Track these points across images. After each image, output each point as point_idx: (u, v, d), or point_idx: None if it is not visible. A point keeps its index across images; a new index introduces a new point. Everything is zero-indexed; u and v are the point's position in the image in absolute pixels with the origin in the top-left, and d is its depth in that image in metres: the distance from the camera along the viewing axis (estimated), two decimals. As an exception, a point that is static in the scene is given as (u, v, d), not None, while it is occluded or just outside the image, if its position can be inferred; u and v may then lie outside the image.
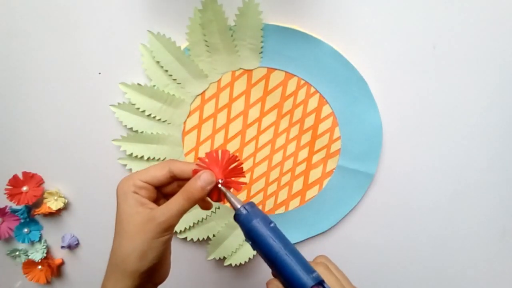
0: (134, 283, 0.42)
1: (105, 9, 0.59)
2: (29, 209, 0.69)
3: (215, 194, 0.45)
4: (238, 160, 0.45)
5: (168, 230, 0.42)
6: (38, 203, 0.68)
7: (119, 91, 0.61)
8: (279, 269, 0.41)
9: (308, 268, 0.41)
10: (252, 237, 0.43)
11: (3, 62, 0.63)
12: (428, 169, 0.62)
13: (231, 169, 0.45)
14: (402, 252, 0.66)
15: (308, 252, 0.65)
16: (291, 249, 0.42)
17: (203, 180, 0.42)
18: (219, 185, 0.44)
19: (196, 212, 0.65)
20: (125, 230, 0.42)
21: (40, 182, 0.67)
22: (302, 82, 0.60)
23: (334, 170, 0.63)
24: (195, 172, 0.44)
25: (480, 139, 0.61)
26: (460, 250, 0.65)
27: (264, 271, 0.68)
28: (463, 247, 0.65)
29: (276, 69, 0.60)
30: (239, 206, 0.43)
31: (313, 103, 0.61)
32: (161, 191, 0.47)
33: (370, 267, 0.67)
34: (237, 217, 0.44)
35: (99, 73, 0.62)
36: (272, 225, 0.43)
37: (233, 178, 0.46)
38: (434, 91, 0.59)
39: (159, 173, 0.44)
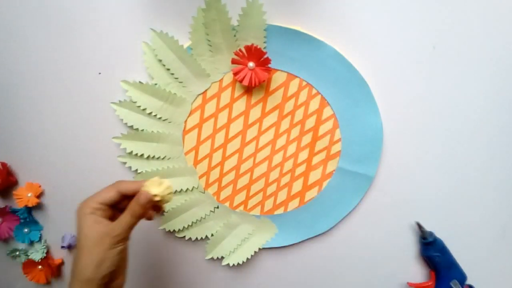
0: None
1: (108, 7, 0.56)
2: (29, 209, 0.67)
3: (156, 208, 0.51)
4: None
5: (121, 241, 0.46)
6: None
7: (120, 88, 0.58)
8: None
9: None
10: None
11: (4, 62, 0.60)
12: (428, 171, 0.59)
13: None
14: (401, 253, 0.62)
15: (307, 253, 0.64)
16: None
17: (142, 200, 0.47)
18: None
19: (195, 212, 0.62)
20: (84, 245, 0.45)
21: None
22: (304, 83, 0.57)
23: (334, 172, 0.60)
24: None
25: (480, 140, 0.58)
26: (460, 250, 0.61)
27: (262, 271, 0.65)
28: (463, 247, 0.61)
29: (278, 70, 0.56)
30: None
31: (314, 104, 0.57)
32: (118, 207, 0.50)
33: (369, 269, 0.64)
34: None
35: (99, 73, 0.59)
36: None
37: None
38: (435, 92, 0.56)
39: (109, 195, 0.48)
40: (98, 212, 0.47)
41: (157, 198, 0.48)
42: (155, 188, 0.48)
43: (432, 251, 0.58)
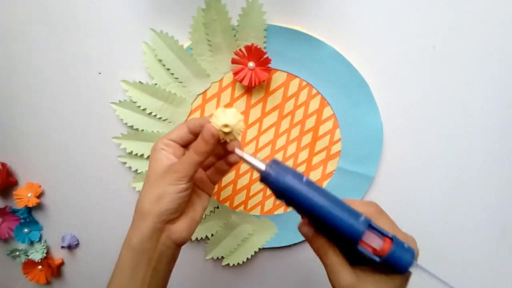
0: (147, 226, 0.43)
1: (108, 7, 0.56)
2: (29, 209, 0.66)
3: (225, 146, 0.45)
4: None
5: (182, 178, 0.43)
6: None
7: (120, 88, 0.57)
8: (325, 222, 0.36)
9: (355, 214, 0.37)
10: (288, 195, 0.37)
11: (3, 62, 0.60)
12: (428, 171, 0.59)
13: None
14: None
15: (307, 253, 0.63)
16: (333, 199, 0.37)
17: (205, 134, 0.43)
18: (236, 150, 0.43)
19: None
20: (149, 178, 0.45)
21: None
22: (304, 83, 0.56)
23: (334, 172, 0.59)
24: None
25: (480, 139, 0.58)
26: (460, 251, 0.61)
27: (262, 271, 0.65)
28: (463, 248, 0.61)
29: (278, 70, 0.56)
30: (263, 167, 0.38)
31: (314, 104, 0.57)
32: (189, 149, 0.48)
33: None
34: (266, 179, 0.38)
35: (99, 73, 0.58)
36: (305, 179, 0.38)
37: None
38: (435, 92, 0.56)
39: (180, 131, 0.46)
40: (168, 149, 0.45)
41: (226, 129, 0.42)
42: (221, 119, 0.42)
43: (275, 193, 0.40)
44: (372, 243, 0.36)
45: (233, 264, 0.63)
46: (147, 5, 0.55)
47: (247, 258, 0.63)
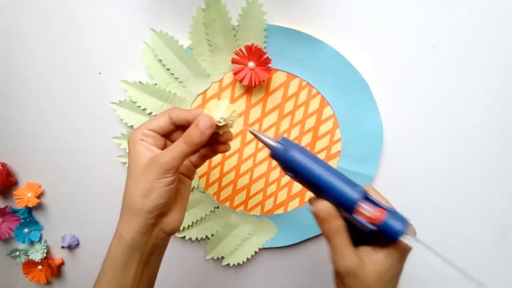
0: (139, 222, 0.42)
1: (108, 7, 0.55)
2: (30, 209, 0.66)
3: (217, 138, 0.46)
4: None
5: (169, 171, 0.41)
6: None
7: (120, 88, 0.57)
8: (325, 190, 0.40)
9: (352, 183, 0.40)
10: (293, 167, 0.40)
11: (4, 62, 0.59)
12: (428, 171, 0.59)
13: None
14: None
15: (308, 253, 0.63)
16: (333, 170, 0.40)
17: (202, 125, 0.42)
18: (248, 130, 0.44)
19: (195, 212, 0.61)
20: (132, 173, 0.43)
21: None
22: (304, 83, 0.56)
23: (334, 172, 0.58)
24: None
25: (480, 139, 0.57)
26: (460, 251, 0.61)
27: (262, 271, 0.65)
28: (464, 248, 0.61)
29: (278, 69, 0.55)
30: (273, 142, 0.41)
31: (314, 104, 0.56)
32: (170, 139, 0.46)
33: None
34: (275, 153, 0.41)
35: (99, 73, 0.58)
36: (310, 153, 0.42)
37: None
38: (435, 92, 0.56)
39: (160, 121, 0.44)
40: (148, 139, 0.43)
41: (221, 123, 0.42)
42: (216, 112, 0.42)
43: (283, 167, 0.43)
44: (368, 213, 0.39)
45: (233, 264, 0.63)
46: (147, 5, 0.54)
47: (247, 258, 0.62)
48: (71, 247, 0.67)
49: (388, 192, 0.58)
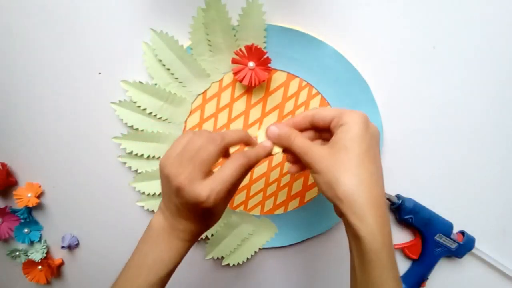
0: None
1: (108, 7, 0.55)
2: (30, 209, 0.66)
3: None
4: None
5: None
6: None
7: (120, 88, 0.56)
8: (434, 220, 0.58)
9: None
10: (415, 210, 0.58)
11: (4, 62, 0.59)
12: (428, 171, 0.58)
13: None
14: (401, 254, 0.61)
15: (308, 253, 0.62)
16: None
17: (263, 152, 0.45)
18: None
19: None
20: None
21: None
22: (304, 83, 0.55)
23: (334, 172, 0.57)
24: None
25: (480, 139, 0.57)
26: None
27: (262, 271, 0.64)
28: None
29: (278, 69, 0.55)
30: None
31: (314, 104, 0.56)
32: None
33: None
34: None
35: (99, 73, 0.58)
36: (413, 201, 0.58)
37: None
38: (435, 92, 0.55)
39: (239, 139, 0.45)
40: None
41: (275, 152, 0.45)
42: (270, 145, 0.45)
43: (404, 214, 0.57)
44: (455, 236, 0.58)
45: (233, 264, 0.62)
46: (147, 5, 0.54)
47: (247, 258, 0.62)
48: (71, 247, 0.66)
49: (388, 191, 0.58)
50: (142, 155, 0.58)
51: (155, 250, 0.43)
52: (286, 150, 0.45)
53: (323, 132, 0.45)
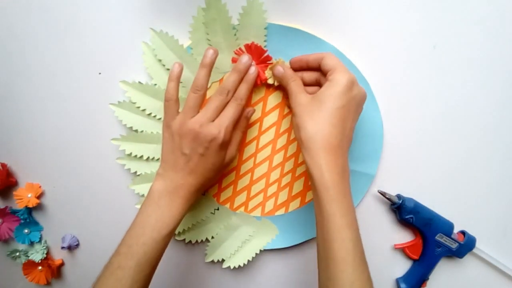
0: None
1: (108, 7, 0.55)
2: (30, 210, 0.65)
3: None
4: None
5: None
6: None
7: (119, 89, 0.56)
8: (435, 219, 0.58)
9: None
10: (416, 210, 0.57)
11: (4, 62, 0.59)
12: (429, 170, 0.58)
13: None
14: (402, 254, 0.61)
15: (309, 253, 0.62)
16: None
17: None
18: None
19: (195, 214, 0.60)
20: None
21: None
22: (305, 82, 0.54)
23: (334, 172, 0.57)
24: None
25: (481, 139, 0.57)
26: None
27: (263, 273, 0.63)
28: None
29: (278, 69, 0.54)
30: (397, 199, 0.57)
31: (314, 104, 0.55)
32: None
33: (370, 269, 0.61)
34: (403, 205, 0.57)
35: (99, 73, 0.57)
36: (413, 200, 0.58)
37: None
38: (435, 92, 0.55)
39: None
40: None
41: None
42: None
43: (404, 214, 0.56)
44: (456, 236, 0.58)
45: (234, 267, 0.61)
46: (147, 5, 0.54)
47: (248, 261, 0.61)
48: (71, 247, 0.66)
49: (389, 191, 0.58)
50: (141, 157, 0.57)
51: (157, 211, 0.48)
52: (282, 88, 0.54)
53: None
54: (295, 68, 0.52)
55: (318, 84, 0.51)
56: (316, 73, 0.51)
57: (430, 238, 0.57)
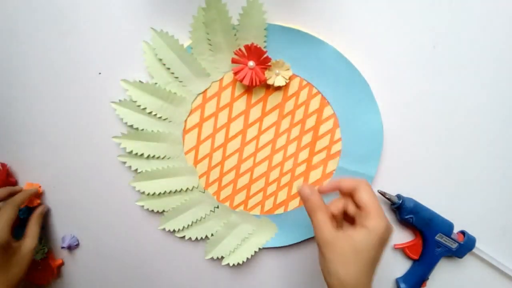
0: None
1: (108, 6, 0.55)
2: (30, 209, 0.64)
3: None
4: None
5: None
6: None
7: (120, 88, 0.56)
8: (435, 220, 0.57)
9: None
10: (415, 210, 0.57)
11: (4, 62, 0.59)
12: (428, 171, 0.58)
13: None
14: (402, 254, 0.61)
15: (308, 253, 0.62)
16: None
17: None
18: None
19: (195, 211, 0.60)
20: None
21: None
22: (304, 82, 0.55)
23: (334, 172, 0.58)
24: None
25: (480, 139, 0.56)
26: None
27: (262, 271, 0.63)
28: None
29: (278, 69, 0.55)
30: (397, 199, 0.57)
31: (314, 104, 0.55)
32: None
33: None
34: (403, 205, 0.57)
35: (99, 73, 0.57)
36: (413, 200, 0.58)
37: None
38: (435, 92, 0.55)
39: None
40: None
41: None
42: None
43: (404, 214, 0.56)
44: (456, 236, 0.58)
45: (233, 264, 0.61)
46: (147, 4, 0.54)
47: (247, 258, 0.61)
48: (71, 247, 0.65)
49: (389, 191, 0.58)
50: (142, 155, 0.57)
51: None
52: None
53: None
54: (324, 192, 0.50)
55: (345, 211, 0.49)
56: (344, 200, 0.49)
57: (430, 238, 0.57)
